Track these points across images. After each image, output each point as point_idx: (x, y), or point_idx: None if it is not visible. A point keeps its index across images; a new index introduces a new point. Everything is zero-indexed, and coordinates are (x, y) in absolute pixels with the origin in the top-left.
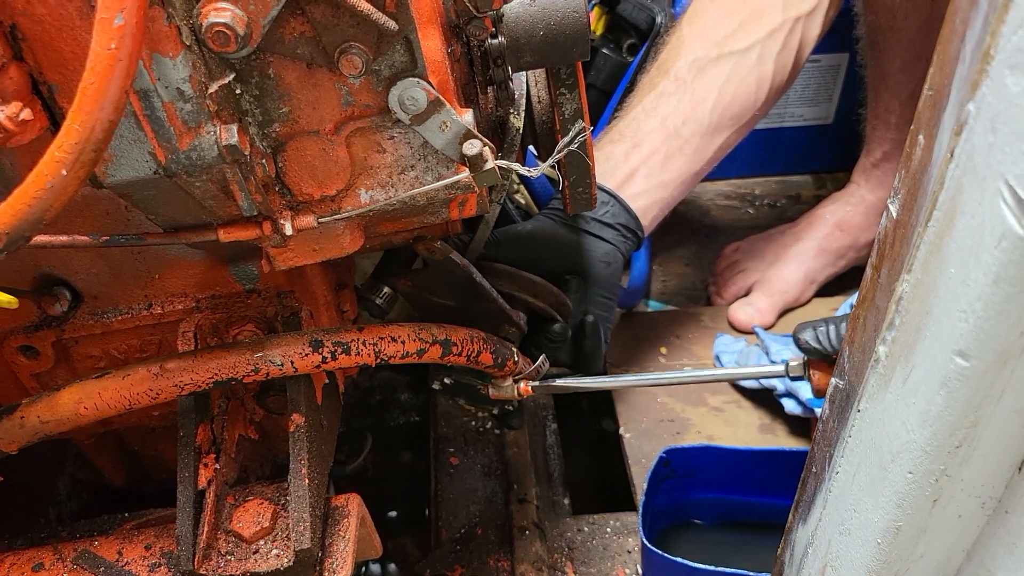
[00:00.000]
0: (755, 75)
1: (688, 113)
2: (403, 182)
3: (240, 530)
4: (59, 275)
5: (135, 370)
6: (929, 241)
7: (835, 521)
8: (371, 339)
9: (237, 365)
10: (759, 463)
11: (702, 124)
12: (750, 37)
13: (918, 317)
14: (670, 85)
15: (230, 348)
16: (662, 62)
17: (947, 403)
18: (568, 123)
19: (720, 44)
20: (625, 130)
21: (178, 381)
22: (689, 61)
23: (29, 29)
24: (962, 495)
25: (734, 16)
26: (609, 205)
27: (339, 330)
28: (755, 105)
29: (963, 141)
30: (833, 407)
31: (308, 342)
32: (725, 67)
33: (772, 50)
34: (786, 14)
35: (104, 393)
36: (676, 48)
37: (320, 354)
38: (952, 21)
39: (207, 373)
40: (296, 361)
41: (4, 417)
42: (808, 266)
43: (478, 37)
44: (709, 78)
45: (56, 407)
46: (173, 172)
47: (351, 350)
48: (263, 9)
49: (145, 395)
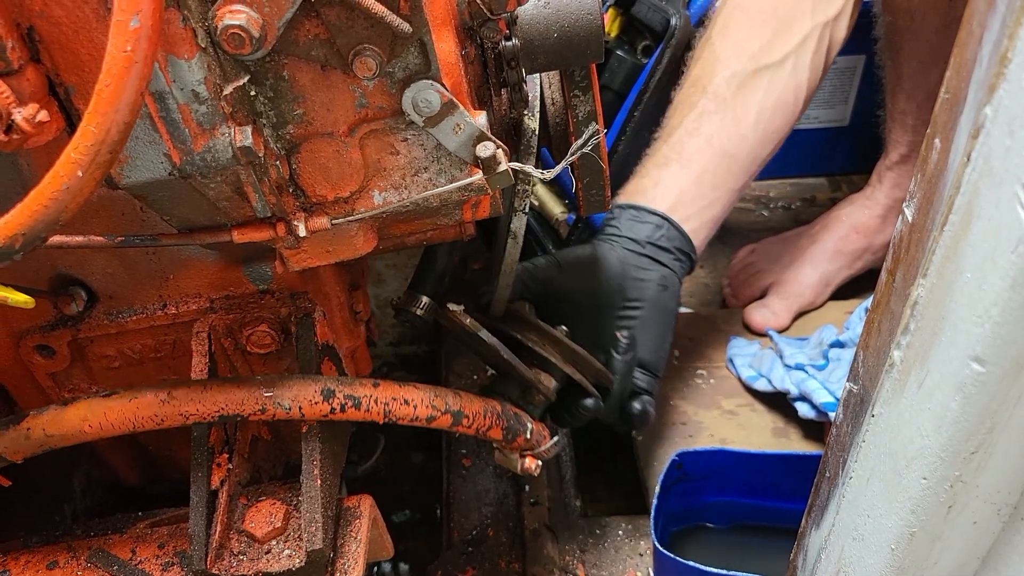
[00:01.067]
0: (792, 86)
1: (732, 131)
2: (416, 184)
3: (252, 530)
4: (75, 275)
5: (143, 394)
6: (945, 245)
7: (849, 526)
8: (384, 398)
9: (245, 403)
10: (772, 467)
11: (746, 140)
12: (783, 48)
13: (933, 322)
14: (710, 103)
15: (241, 383)
16: (697, 78)
17: (963, 409)
18: (582, 125)
19: (756, 57)
20: (670, 153)
21: (184, 411)
22: (726, 77)
23: (46, 31)
24: (977, 501)
25: (766, 27)
26: (664, 229)
27: (354, 382)
28: (794, 115)
29: (980, 145)
30: (847, 411)
31: (320, 390)
32: (763, 81)
33: (805, 58)
34: (815, 20)
35: (110, 414)
36: (711, 63)
37: (330, 404)
38: (969, 24)
39: (214, 407)
40: (304, 407)
41: (11, 427)
42: (824, 269)
43: (492, 39)
44: (748, 94)
45: (62, 422)
46: (188, 173)
47: (361, 406)
48: (278, 11)
49: (150, 420)
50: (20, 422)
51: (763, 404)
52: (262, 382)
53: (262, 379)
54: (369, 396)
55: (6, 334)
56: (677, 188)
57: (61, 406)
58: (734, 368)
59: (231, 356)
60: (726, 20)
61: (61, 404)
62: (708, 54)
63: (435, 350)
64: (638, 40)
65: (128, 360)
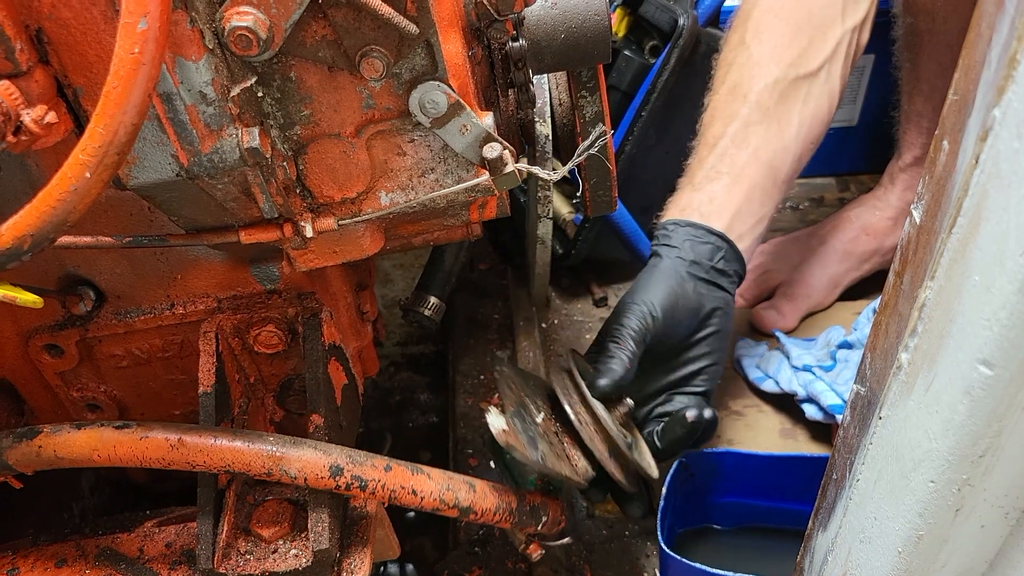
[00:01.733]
0: (826, 94)
1: (777, 144)
2: (423, 185)
3: (259, 529)
4: (83, 275)
5: (153, 434)
6: (953, 248)
7: (855, 529)
8: (392, 484)
9: (252, 464)
10: (779, 468)
11: (790, 152)
12: (820, 56)
13: (941, 324)
14: (754, 113)
15: (252, 442)
16: (736, 84)
17: (970, 412)
18: (589, 126)
19: (795, 65)
20: (720, 165)
21: (192, 460)
22: (768, 85)
23: (54, 33)
24: (985, 505)
25: (802, 34)
26: (723, 251)
27: (366, 462)
28: (826, 125)
29: (988, 147)
30: (854, 413)
31: (328, 467)
32: (801, 91)
33: (837, 65)
34: (844, 25)
35: (119, 448)
36: (749, 69)
37: (336, 481)
38: (978, 25)
39: (221, 461)
40: (310, 479)
41: (24, 440)
42: (833, 270)
43: (499, 40)
44: (789, 104)
45: (72, 447)
46: (195, 174)
47: (367, 488)
48: (285, 13)
49: (157, 461)
50: (34, 438)
51: (770, 405)
52: (273, 443)
53: (274, 441)
54: (377, 481)
55: (15, 333)
56: (732, 205)
57: (74, 429)
58: (741, 369)
59: (238, 356)
60: (759, 24)
61: (74, 426)
62: (744, 59)
63: (442, 350)
64: (645, 40)
65: (136, 359)
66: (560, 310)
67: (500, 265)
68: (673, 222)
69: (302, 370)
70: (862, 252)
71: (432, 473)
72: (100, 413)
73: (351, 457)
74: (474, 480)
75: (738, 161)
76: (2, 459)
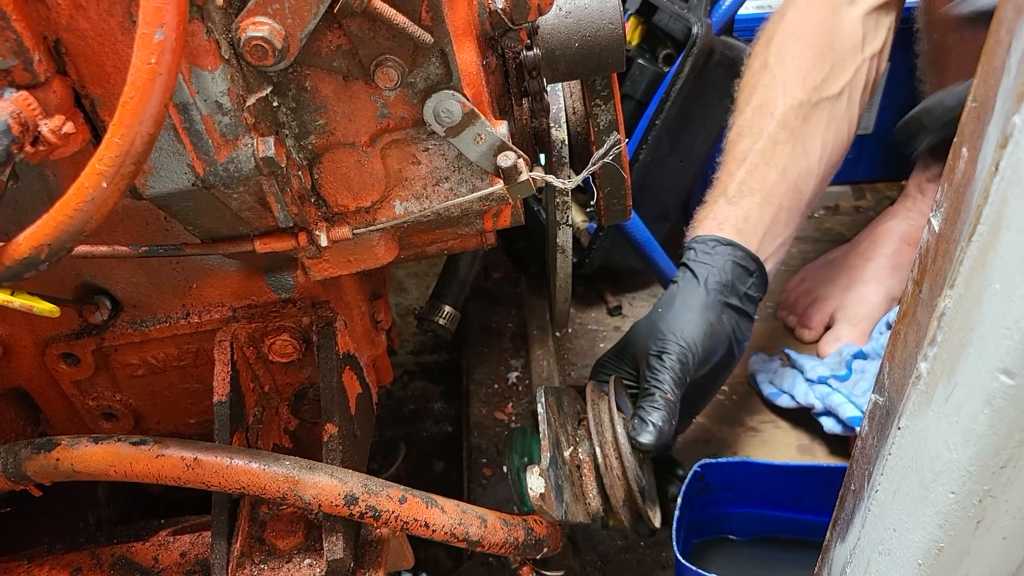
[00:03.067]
0: (846, 119)
1: (803, 165)
2: (438, 194)
3: (274, 539)
4: (100, 284)
5: (169, 453)
6: (973, 256)
7: (874, 540)
8: (405, 516)
9: (267, 488)
10: (795, 478)
11: (814, 175)
12: (840, 81)
13: (961, 333)
14: (781, 132)
15: (268, 466)
16: (762, 104)
17: (991, 422)
18: (603, 134)
19: (819, 89)
20: (751, 181)
21: (207, 480)
22: (793, 106)
23: (72, 44)
24: (1007, 516)
25: (824, 60)
26: (755, 276)
27: (381, 492)
28: (846, 149)
29: (1008, 154)
30: (873, 423)
31: (343, 495)
32: (824, 113)
33: (856, 91)
34: (864, 53)
35: (136, 465)
36: (773, 90)
37: (350, 510)
38: (997, 32)
39: (236, 484)
40: (324, 506)
41: (43, 452)
42: (887, 284)
43: (513, 49)
44: (814, 126)
45: (90, 461)
46: (211, 184)
47: (380, 518)
48: (300, 23)
49: (173, 479)
50: (52, 450)
51: (787, 421)
52: (290, 467)
53: (290, 464)
54: (390, 512)
55: (32, 342)
56: (762, 225)
57: (92, 443)
58: (756, 384)
59: (253, 365)
60: (781, 48)
61: (92, 440)
62: (768, 80)
63: (456, 359)
64: (659, 49)
65: (151, 368)
66: (574, 319)
67: (514, 274)
68: (714, 239)
69: (316, 379)
70: (909, 262)
71: (446, 507)
72: (115, 422)
73: (366, 486)
74: (487, 514)
75: (768, 179)
76: (21, 470)
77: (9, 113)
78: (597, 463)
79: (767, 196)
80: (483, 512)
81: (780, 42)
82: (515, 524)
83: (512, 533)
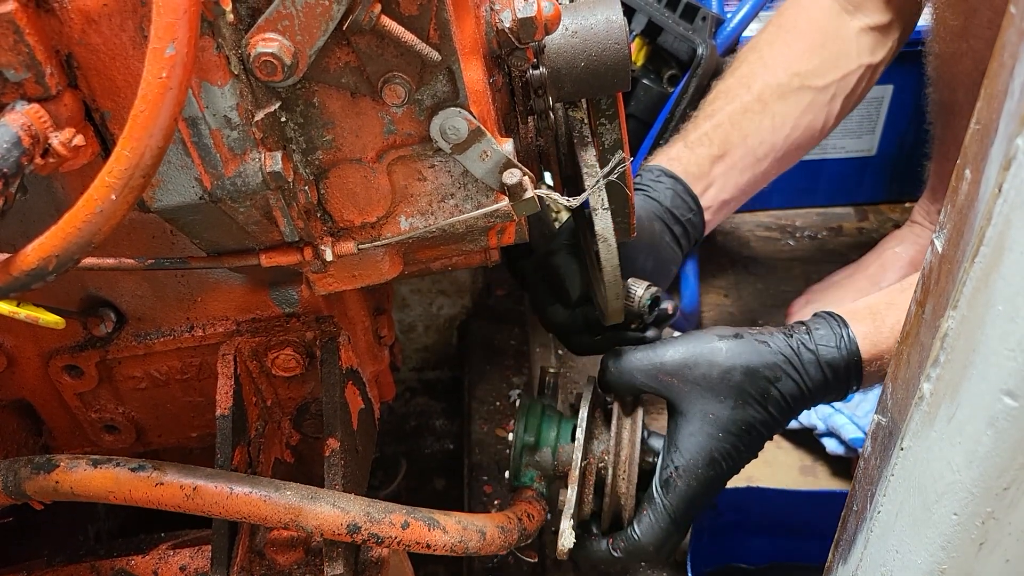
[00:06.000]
0: (825, 111)
1: (767, 137)
2: (443, 210)
3: (274, 554)
4: (105, 296)
5: (168, 481)
6: (976, 277)
7: (877, 562)
8: (407, 540)
9: (268, 518)
10: (807, 505)
11: (775, 150)
12: (828, 77)
13: (964, 354)
14: (755, 104)
15: (269, 495)
16: (744, 76)
17: (995, 443)
18: (608, 153)
19: (802, 76)
20: (714, 136)
21: (206, 509)
22: (772, 84)
23: (84, 58)
24: (1010, 539)
25: (815, 54)
26: (693, 215)
27: (383, 519)
28: (816, 139)
29: (1011, 176)
30: (875, 444)
31: (346, 525)
32: (804, 99)
33: (844, 91)
34: (860, 60)
35: (135, 492)
36: (759, 66)
37: (352, 537)
38: (1000, 56)
39: (236, 513)
40: (326, 533)
41: (42, 474)
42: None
43: (519, 67)
44: (789, 105)
45: (89, 486)
46: (218, 198)
47: (383, 543)
48: (310, 39)
49: (172, 507)
50: (51, 472)
51: (789, 441)
52: (292, 496)
53: (292, 494)
54: (394, 538)
55: (35, 354)
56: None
57: (91, 466)
58: None
59: (256, 379)
60: (773, 36)
61: (91, 463)
62: (755, 58)
63: (458, 376)
64: (664, 69)
65: (154, 381)
66: None
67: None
68: (660, 169)
69: (319, 394)
70: None
71: (448, 526)
72: (117, 434)
73: (369, 515)
74: (485, 526)
75: (730, 139)
76: (20, 488)
77: (20, 125)
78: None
79: (724, 153)
80: (482, 524)
81: (774, 31)
82: (511, 529)
83: (508, 539)
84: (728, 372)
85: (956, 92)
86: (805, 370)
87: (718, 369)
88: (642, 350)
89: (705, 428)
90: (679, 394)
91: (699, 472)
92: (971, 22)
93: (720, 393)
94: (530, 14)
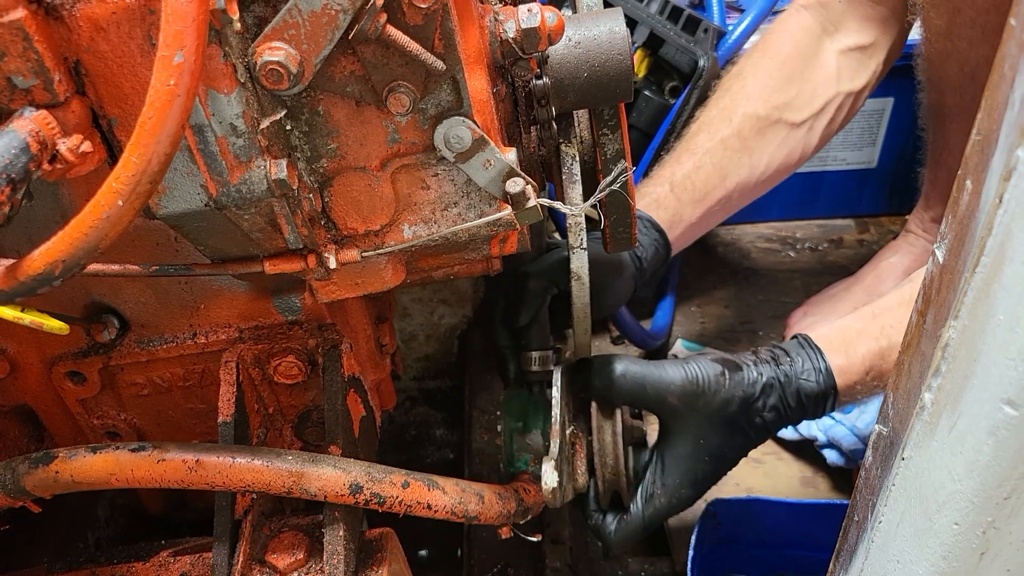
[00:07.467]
0: (800, 146)
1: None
2: (446, 218)
3: (275, 561)
4: (108, 303)
5: (170, 457)
6: (976, 287)
7: (878, 572)
8: (408, 500)
9: (272, 483)
10: (808, 516)
11: (749, 187)
12: (806, 111)
13: (965, 364)
14: (735, 140)
15: (271, 461)
16: (726, 107)
17: (996, 453)
18: (610, 163)
19: (780, 109)
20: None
21: (210, 480)
22: (751, 117)
23: (92, 65)
24: (1011, 548)
25: (792, 84)
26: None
27: (384, 479)
28: (790, 170)
29: (1012, 187)
30: (876, 454)
31: (348, 485)
32: (779, 134)
33: (821, 124)
34: (839, 88)
35: (136, 471)
36: (741, 97)
37: (355, 498)
38: (1000, 67)
39: (240, 482)
40: (329, 496)
41: (40, 467)
42: None
43: (523, 78)
44: (765, 142)
45: (89, 471)
46: (223, 205)
47: (385, 503)
48: (316, 48)
49: (176, 482)
50: (50, 463)
51: (789, 453)
52: (293, 461)
53: (293, 459)
54: (395, 497)
55: (38, 359)
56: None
57: (90, 452)
58: None
59: (258, 386)
60: (756, 63)
61: (89, 450)
62: (738, 88)
63: (459, 385)
64: (666, 81)
65: (157, 388)
66: None
67: None
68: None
69: (321, 401)
70: None
71: (447, 487)
72: (119, 441)
73: (370, 475)
74: (483, 490)
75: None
76: (20, 485)
77: (28, 131)
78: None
79: (703, 196)
80: (480, 488)
81: (758, 56)
82: (508, 497)
83: (506, 506)
84: (727, 403)
85: (944, 95)
86: (787, 401)
87: (719, 400)
88: (646, 366)
89: (695, 452)
90: (676, 416)
91: (681, 492)
92: (954, 21)
93: (715, 422)
94: (534, 24)
